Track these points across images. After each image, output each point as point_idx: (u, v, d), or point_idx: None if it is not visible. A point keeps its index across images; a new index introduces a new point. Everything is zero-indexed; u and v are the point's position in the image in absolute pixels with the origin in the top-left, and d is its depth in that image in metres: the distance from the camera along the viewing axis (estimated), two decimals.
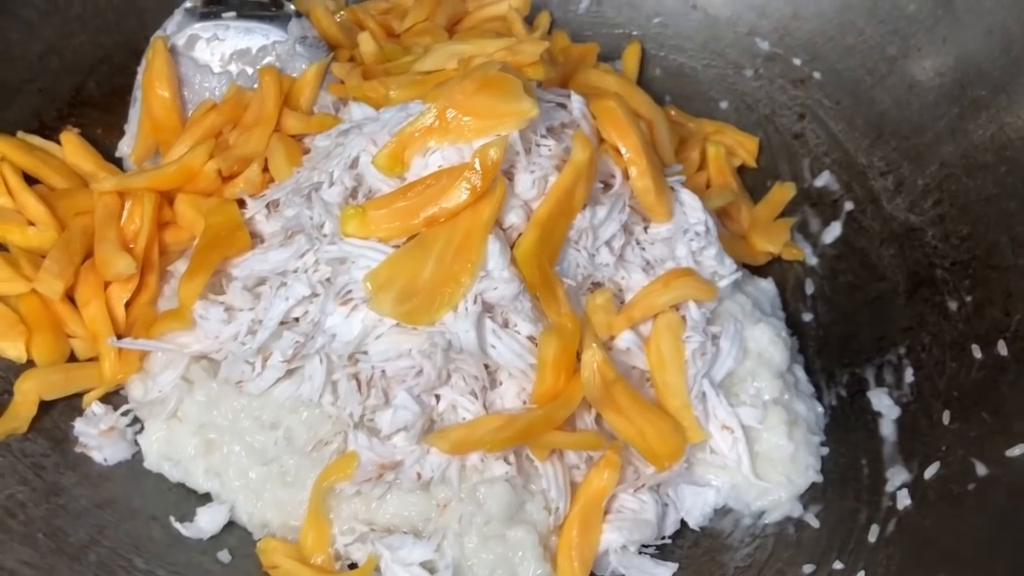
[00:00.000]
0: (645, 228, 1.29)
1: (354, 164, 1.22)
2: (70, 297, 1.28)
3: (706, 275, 1.28)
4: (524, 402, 1.16)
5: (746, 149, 1.62)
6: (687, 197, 1.30)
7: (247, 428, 1.18)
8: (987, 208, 1.35)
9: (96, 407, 1.24)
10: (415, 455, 1.12)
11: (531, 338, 1.15)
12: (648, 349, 1.22)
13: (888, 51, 1.52)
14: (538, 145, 1.20)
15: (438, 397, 1.15)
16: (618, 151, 1.26)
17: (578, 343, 1.15)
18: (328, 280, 1.17)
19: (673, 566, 1.18)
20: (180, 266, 1.33)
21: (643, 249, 1.28)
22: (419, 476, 1.12)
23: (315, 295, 1.18)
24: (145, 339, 1.23)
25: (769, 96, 1.64)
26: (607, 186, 1.27)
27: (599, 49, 1.67)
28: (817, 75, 1.60)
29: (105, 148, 1.48)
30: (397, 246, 1.13)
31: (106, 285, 1.28)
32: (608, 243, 1.23)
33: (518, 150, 1.16)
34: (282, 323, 1.18)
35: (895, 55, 1.51)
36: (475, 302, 1.11)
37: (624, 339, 1.22)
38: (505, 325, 1.15)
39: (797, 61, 1.62)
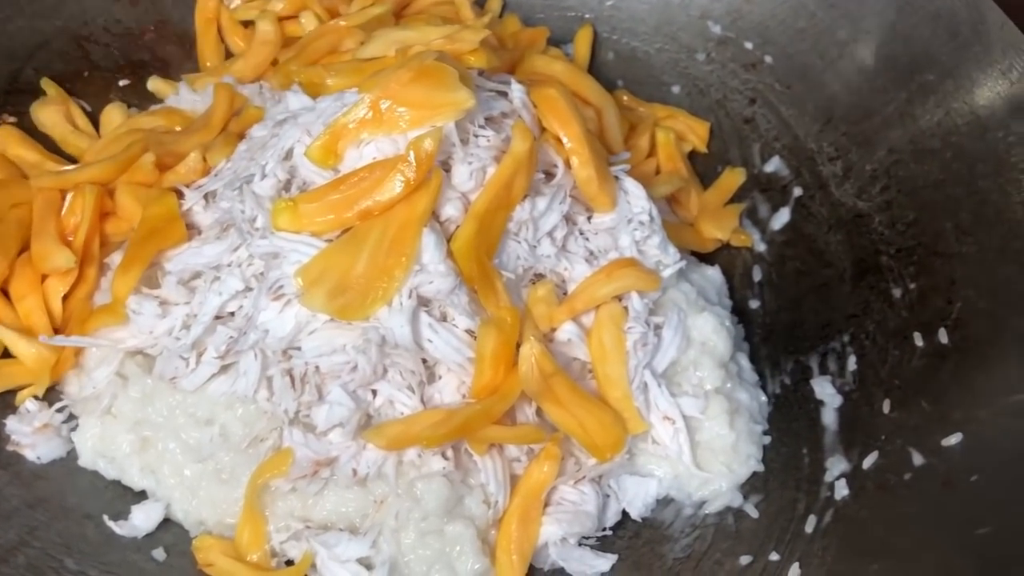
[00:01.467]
0: (588, 218, 1.28)
1: (288, 156, 1.20)
2: (2, 290, 1.25)
3: (650, 264, 1.27)
4: (463, 396, 1.15)
5: (697, 134, 1.61)
6: (631, 186, 1.29)
7: (182, 425, 1.16)
8: (933, 194, 1.34)
9: (30, 403, 1.22)
10: (351, 451, 1.11)
11: (469, 332, 1.14)
12: (590, 340, 1.21)
13: (838, 35, 1.51)
14: (476, 136, 1.18)
15: (374, 392, 1.13)
16: (560, 140, 1.24)
17: (518, 336, 1.15)
18: (262, 275, 1.16)
19: (612, 557, 1.18)
20: (117, 258, 1.30)
21: (586, 239, 1.26)
22: (355, 472, 1.11)
23: (249, 289, 1.16)
24: (78, 336, 1.20)
25: (721, 80, 1.63)
26: (549, 176, 1.25)
27: (549, 33, 1.64)
28: (768, 59, 1.58)
29: (43, 135, 1.45)
30: (331, 240, 1.12)
31: (43, 279, 1.26)
32: (550, 234, 1.22)
33: (454, 141, 1.14)
34: (217, 318, 1.17)
35: (845, 39, 1.50)
36: (410, 296, 1.10)
37: (565, 331, 1.21)
38: (443, 319, 1.14)
39: (749, 45, 1.61)
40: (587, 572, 1.17)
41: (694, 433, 1.23)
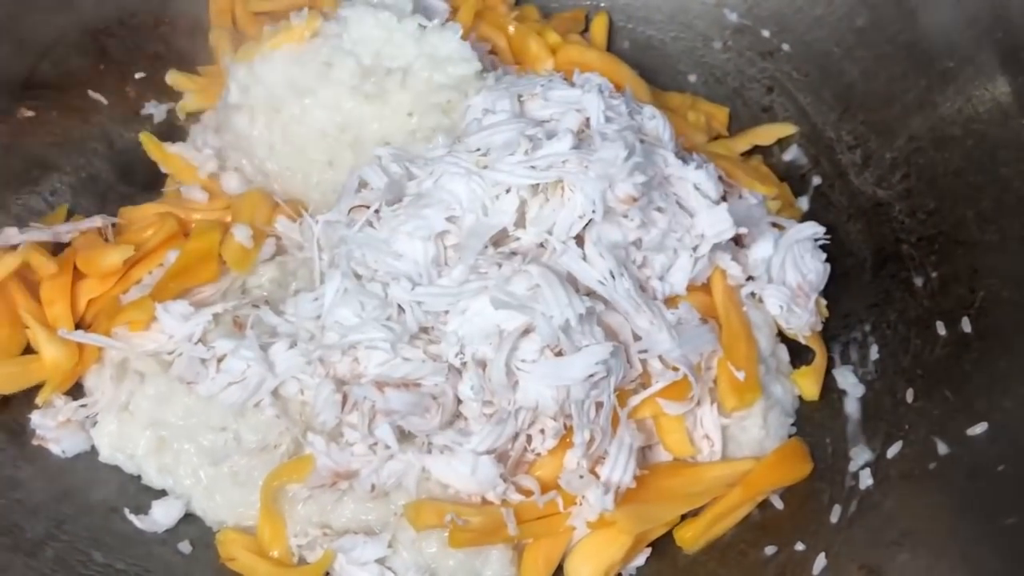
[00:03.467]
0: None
1: None
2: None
3: None
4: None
5: (718, 120, 1.61)
6: None
7: (196, 427, 1.15)
8: (954, 182, 1.33)
9: (55, 398, 1.21)
10: (372, 465, 1.09)
11: None
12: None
13: (856, 22, 1.50)
14: None
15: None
16: None
17: None
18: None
19: (647, 551, 1.17)
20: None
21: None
22: (373, 488, 1.09)
23: None
24: (97, 334, 1.19)
25: (738, 69, 1.62)
26: None
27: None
28: (786, 47, 1.58)
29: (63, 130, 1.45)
30: None
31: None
32: None
33: None
34: None
35: (863, 26, 1.49)
36: None
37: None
38: None
39: (766, 33, 1.60)
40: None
41: (725, 429, 1.21)
